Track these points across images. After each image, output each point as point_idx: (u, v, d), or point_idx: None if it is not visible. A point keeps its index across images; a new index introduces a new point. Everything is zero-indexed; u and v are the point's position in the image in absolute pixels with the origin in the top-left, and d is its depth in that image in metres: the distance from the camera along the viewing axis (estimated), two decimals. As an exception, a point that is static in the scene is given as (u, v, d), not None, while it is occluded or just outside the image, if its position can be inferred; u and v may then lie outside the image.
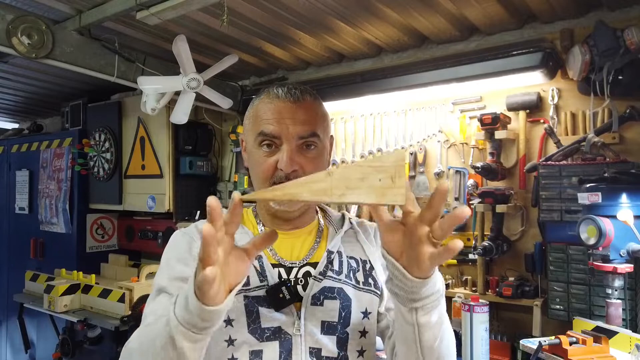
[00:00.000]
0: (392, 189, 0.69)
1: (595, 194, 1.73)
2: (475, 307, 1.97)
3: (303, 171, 0.97)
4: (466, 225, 2.40)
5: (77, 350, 2.92)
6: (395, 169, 0.69)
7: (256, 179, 1.02)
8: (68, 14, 2.20)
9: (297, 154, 0.97)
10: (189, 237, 1.02)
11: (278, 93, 1.00)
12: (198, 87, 2.41)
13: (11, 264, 4.01)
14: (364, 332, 1.00)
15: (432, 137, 2.54)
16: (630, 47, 1.85)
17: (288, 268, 1.01)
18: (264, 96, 1.03)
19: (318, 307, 0.97)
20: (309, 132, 0.98)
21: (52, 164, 3.62)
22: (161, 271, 1.00)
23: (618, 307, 1.69)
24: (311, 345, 0.95)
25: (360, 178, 0.69)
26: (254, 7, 2.05)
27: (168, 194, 3.06)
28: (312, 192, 0.69)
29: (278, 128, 0.97)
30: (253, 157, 1.02)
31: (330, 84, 2.65)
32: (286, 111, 0.98)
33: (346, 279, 1.01)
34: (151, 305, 0.95)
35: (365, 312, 1.00)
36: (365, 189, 0.69)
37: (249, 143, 1.04)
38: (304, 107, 1.00)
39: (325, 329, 0.97)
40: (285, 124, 0.97)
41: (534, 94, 2.19)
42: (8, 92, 3.64)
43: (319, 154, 1.01)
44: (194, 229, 1.04)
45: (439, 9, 2.06)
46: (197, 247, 0.99)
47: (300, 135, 0.98)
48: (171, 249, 1.03)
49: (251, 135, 1.02)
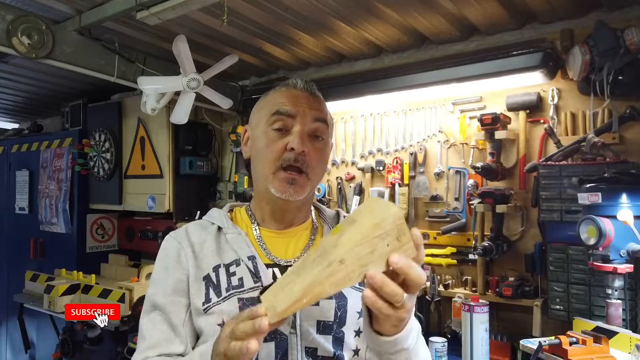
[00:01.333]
0: (402, 247, 0.71)
1: (595, 194, 1.73)
2: (475, 307, 1.97)
3: (309, 157, 1.00)
4: (466, 226, 2.40)
5: (77, 350, 2.92)
6: (398, 230, 0.71)
7: (262, 161, 1.02)
8: (68, 14, 2.20)
9: (306, 139, 1.00)
10: (177, 243, 1.03)
11: (296, 83, 1.05)
12: (198, 87, 2.41)
13: (11, 264, 4.01)
14: (359, 331, 1.00)
15: (432, 137, 2.54)
16: (630, 47, 1.85)
17: (283, 267, 1.01)
18: (280, 86, 1.07)
19: (314, 307, 0.97)
20: (322, 117, 1.03)
21: (52, 164, 3.62)
22: (154, 284, 1.02)
23: (618, 307, 1.69)
24: (307, 345, 0.96)
25: (370, 252, 0.70)
26: (254, 7, 2.05)
27: (168, 194, 3.06)
28: (334, 284, 0.69)
29: (294, 109, 1.01)
30: (261, 140, 1.03)
31: (330, 84, 2.65)
32: (303, 98, 1.03)
33: None
34: (146, 323, 0.98)
35: (361, 311, 1.01)
36: (377, 258, 0.70)
37: (258, 127, 1.05)
38: (319, 100, 1.06)
39: (321, 328, 0.97)
40: (302, 107, 1.01)
41: (534, 94, 2.19)
42: (8, 92, 3.64)
43: (324, 146, 1.05)
44: (183, 235, 1.05)
45: (439, 9, 2.06)
46: (184, 255, 1.01)
47: (315, 117, 1.02)
48: (161, 258, 1.04)
49: (263, 118, 1.04)
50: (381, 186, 2.68)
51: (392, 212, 0.70)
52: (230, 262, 0.99)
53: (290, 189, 0.98)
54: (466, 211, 2.40)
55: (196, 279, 0.98)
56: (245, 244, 1.02)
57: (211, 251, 1.01)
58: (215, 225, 1.06)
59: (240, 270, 0.98)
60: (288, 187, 0.99)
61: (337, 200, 2.85)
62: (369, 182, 2.74)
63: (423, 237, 2.64)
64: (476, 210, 2.28)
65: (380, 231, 0.69)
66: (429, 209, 2.54)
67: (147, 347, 0.95)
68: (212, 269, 0.99)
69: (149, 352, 0.95)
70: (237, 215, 1.12)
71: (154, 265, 1.05)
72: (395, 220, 0.70)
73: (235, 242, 1.02)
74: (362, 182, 2.76)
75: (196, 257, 1.00)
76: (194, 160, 3.15)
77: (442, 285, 2.43)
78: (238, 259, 1.00)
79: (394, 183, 2.60)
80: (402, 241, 0.71)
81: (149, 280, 1.06)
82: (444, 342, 2.05)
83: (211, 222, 1.07)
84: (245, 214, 1.11)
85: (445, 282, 2.44)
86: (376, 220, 0.69)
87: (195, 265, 0.99)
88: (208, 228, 1.06)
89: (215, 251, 1.01)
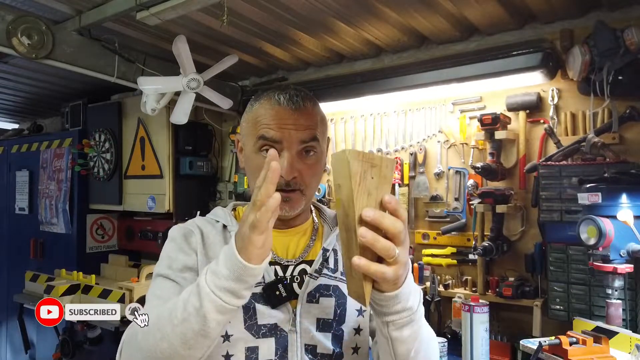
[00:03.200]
0: (380, 168, 0.74)
1: (595, 194, 1.73)
2: (475, 307, 1.97)
3: (302, 177, 0.98)
4: (466, 226, 2.40)
5: (77, 350, 2.91)
6: (365, 162, 0.73)
7: (255, 182, 1.01)
8: (68, 14, 2.20)
9: (297, 161, 0.97)
10: (187, 230, 1.03)
11: (279, 100, 0.99)
12: (198, 88, 2.41)
13: (11, 265, 4.01)
14: (358, 329, 1.01)
15: (432, 137, 2.54)
16: (630, 47, 1.85)
17: (284, 266, 1.02)
18: (264, 101, 1.01)
19: (314, 305, 0.98)
20: (311, 136, 0.98)
21: (52, 165, 3.62)
22: (161, 261, 1.01)
23: (618, 307, 1.69)
24: (306, 342, 0.97)
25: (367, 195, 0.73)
26: (254, 7, 2.05)
27: (168, 194, 3.06)
28: None
29: (280, 133, 0.96)
30: (252, 162, 1.01)
31: (330, 84, 2.65)
32: (288, 117, 0.97)
33: (341, 277, 1.02)
34: (153, 289, 0.97)
35: (360, 309, 1.02)
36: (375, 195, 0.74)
37: (247, 146, 1.03)
38: (305, 114, 0.99)
39: (321, 326, 0.98)
40: (287, 129, 0.96)
41: (534, 94, 2.19)
42: (8, 92, 3.64)
43: (317, 160, 1.01)
44: (192, 223, 1.05)
45: (439, 9, 2.06)
46: (195, 240, 1.00)
47: (302, 140, 0.97)
48: (170, 242, 1.04)
49: (250, 139, 1.01)
50: (381, 186, 2.67)
51: (347, 155, 0.72)
52: None
53: (285, 206, 0.97)
54: (466, 211, 2.40)
55: (203, 265, 0.96)
56: None
57: (218, 242, 1.01)
58: (220, 223, 1.06)
59: None
60: (283, 204, 0.95)
61: (337, 200, 2.85)
62: (369, 182, 2.73)
63: (423, 237, 2.64)
64: (476, 211, 2.28)
65: (357, 177, 0.72)
66: (429, 209, 2.54)
67: (158, 303, 0.92)
68: None
69: (154, 302, 0.93)
70: (240, 215, 1.11)
71: (163, 249, 1.03)
72: (356, 157, 0.72)
73: None
74: (362, 182, 2.75)
75: (205, 244, 1.00)
76: (194, 160, 3.15)
77: (442, 286, 2.43)
78: None
79: (394, 183, 2.59)
80: (377, 163, 0.73)
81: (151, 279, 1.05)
82: (444, 342, 2.05)
83: (216, 220, 1.07)
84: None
85: (445, 282, 2.44)
86: (347, 171, 0.71)
87: (204, 252, 0.99)
88: (214, 225, 1.06)
89: (220, 245, 1.00)
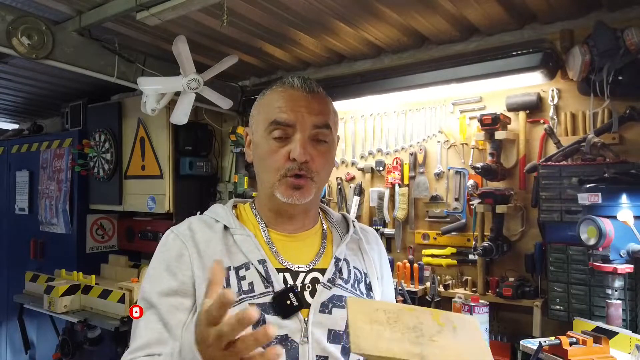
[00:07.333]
0: None
1: (595, 194, 1.73)
2: (475, 307, 1.97)
3: (314, 163, 0.96)
4: (466, 226, 2.40)
5: (77, 351, 2.92)
6: None
7: (266, 171, 0.99)
8: (68, 14, 2.20)
9: (309, 145, 0.96)
10: (180, 243, 0.98)
11: (293, 82, 0.99)
12: (198, 88, 2.41)
13: (11, 265, 4.01)
14: None
15: (432, 138, 2.54)
16: (630, 47, 1.85)
17: (294, 273, 0.98)
18: (277, 86, 1.01)
19: (326, 315, 0.95)
20: (324, 122, 0.97)
21: (52, 165, 3.62)
22: (149, 279, 0.98)
23: (618, 307, 1.69)
24: (318, 354, 0.93)
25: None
26: (254, 7, 2.05)
27: (168, 195, 3.05)
28: None
29: (293, 116, 0.95)
30: (262, 148, 0.98)
31: (330, 84, 2.65)
32: (301, 100, 0.97)
33: (352, 289, 1.01)
34: (142, 322, 0.94)
35: None
36: None
37: (257, 133, 1.01)
38: (318, 99, 0.99)
39: (332, 337, 0.95)
40: (301, 112, 0.95)
41: (534, 94, 2.19)
42: (8, 92, 3.64)
43: (329, 149, 1.00)
44: (187, 233, 0.99)
45: (438, 10, 2.06)
46: (187, 255, 0.96)
47: (315, 124, 0.96)
48: (161, 254, 0.99)
49: (261, 124, 0.99)
50: (381, 187, 2.68)
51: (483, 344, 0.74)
52: (240, 266, 0.96)
53: (296, 193, 0.96)
54: (466, 211, 2.40)
55: (204, 279, 0.92)
56: (255, 247, 0.98)
57: (219, 251, 0.96)
58: (220, 223, 1.01)
59: (250, 274, 0.95)
60: (294, 191, 0.96)
61: (337, 200, 2.85)
62: (369, 182, 2.74)
63: (423, 238, 2.63)
64: (476, 211, 2.28)
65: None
66: (429, 209, 2.54)
67: (136, 347, 0.91)
68: None
69: (138, 353, 0.90)
70: (242, 213, 1.07)
71: (152, 260, 1.00)
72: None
73: (244, 245, 0.98)
74: (362, 183, 2.75)
75: (202, 257, 0.95)
76: (194, 160, 3.15)
77: (442, 286, 2.43)
78: (248, 263, 0.96)
79: (394, 183, 2.60)
80: None
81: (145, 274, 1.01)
82: (444, 343, 2.04)
83: (216, 220, 1.02)
84: (250, 212, 1.06)
85: (445, 283, 2.44)
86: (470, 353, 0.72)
87: (202, 266, 0.94)
88: (213, 226, 1.01)
89: (222, 252, 0.97)
